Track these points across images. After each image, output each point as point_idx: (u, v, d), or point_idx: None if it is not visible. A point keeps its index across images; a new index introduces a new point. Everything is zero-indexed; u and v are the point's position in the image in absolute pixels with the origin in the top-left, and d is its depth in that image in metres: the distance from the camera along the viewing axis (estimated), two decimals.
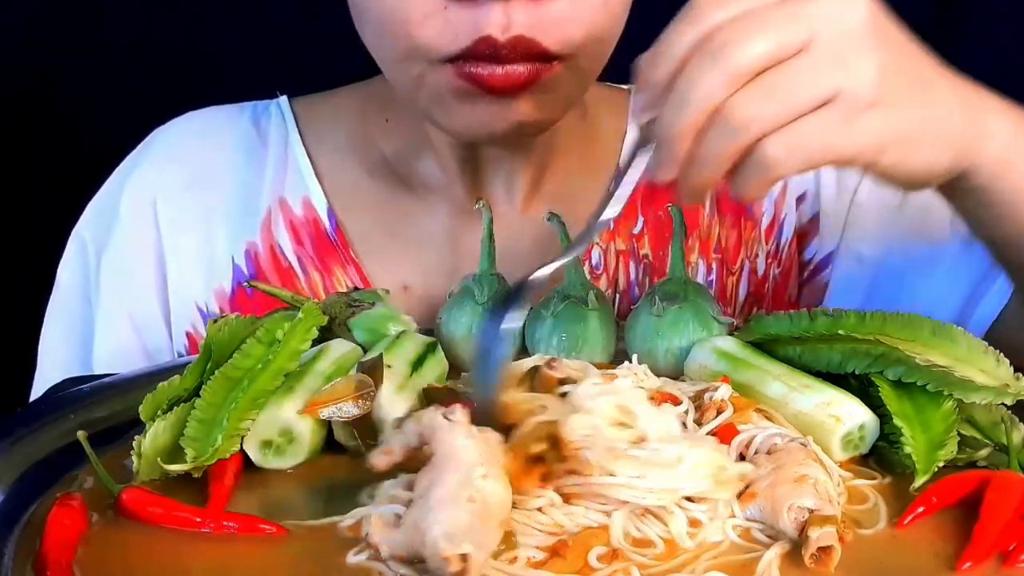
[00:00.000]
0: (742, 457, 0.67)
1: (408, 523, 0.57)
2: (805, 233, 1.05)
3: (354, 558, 0.59)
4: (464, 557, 0.53)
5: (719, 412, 0.69)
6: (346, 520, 0.62)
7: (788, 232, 1.05)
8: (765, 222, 1.05)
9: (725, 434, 0.68)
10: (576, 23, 0.81)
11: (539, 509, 0.60)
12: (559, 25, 0.80)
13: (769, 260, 1.05)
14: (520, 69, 0.80)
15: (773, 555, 0.58)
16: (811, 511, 0.59)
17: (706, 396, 0.71)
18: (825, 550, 0.57)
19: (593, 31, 0.82)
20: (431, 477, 0.58)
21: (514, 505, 0.59)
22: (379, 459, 0.63)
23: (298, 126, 1.04)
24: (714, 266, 1.03)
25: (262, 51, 1.45)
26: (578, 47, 0.82)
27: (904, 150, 0.64)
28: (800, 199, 1.05)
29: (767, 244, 1.05)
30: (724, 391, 0.71)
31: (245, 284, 1.00)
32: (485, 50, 0.79)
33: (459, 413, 0.61)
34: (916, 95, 0.64)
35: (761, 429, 0.68)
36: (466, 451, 0.59)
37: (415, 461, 0.62)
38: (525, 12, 0.78)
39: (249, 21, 1.46)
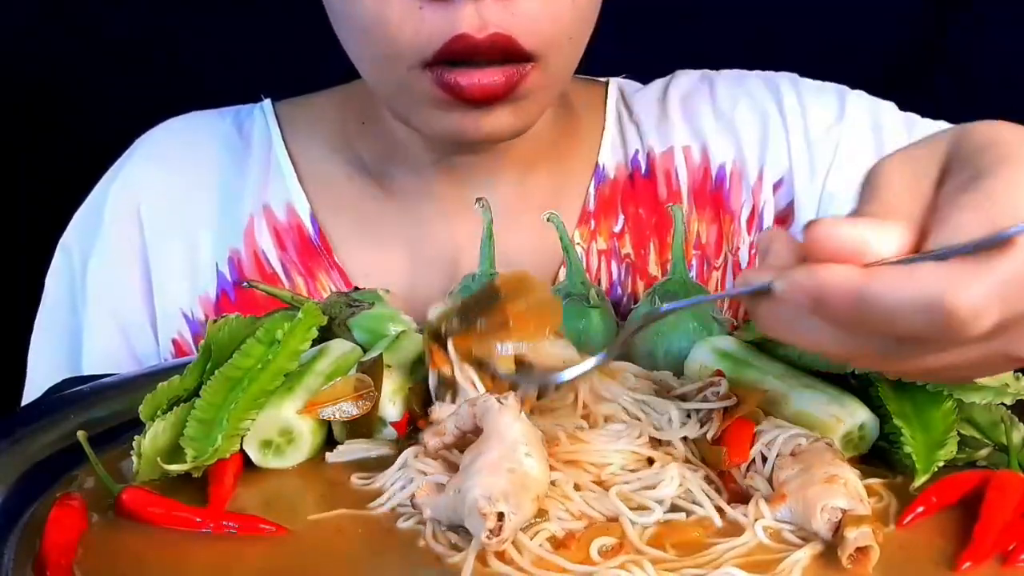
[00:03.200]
0: (764, 459, 0.67)
1: (450, 489, 0.60)
2: (783, 220, 1.04)
3: (403, 524, 0.62)
4: (500, 516, 0.56)
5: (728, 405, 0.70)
6: (378, 481, 0.66)
7: (769, 220, 1.04)
8: (745, 213, 1.04)
9: (741, 431, 0.68)
10: (548, 21, 0.82)
11: (553, 482, 0.63)
12: (532, 23, 0.81)
13: (752, 252, 1.04)
14: (497, 78, 0.81)
15: (803, 555, 0.58)
16: (844, 511, 0.59)
17: (709, 391, 0.71)
18: (862, 550, 0.57)
19: (564, 29, 0.84)
20: (477, 451, 0.61)
21: None
22: (431, 439, 0.66)
23: (282, 130, 1.04)
24: (694, 262, 1.03)
25: (247, 54, 1.45)
26: (550, 45, 0.83)
27: None
28: (777, 185, 1.04)
29: (749, 236, 1.04)
30: (725, 386, 0.71)
31: (244, 284, 0.99)
32: (462, 49, 0.80)
33: (512, 398, 0.64)
34: None
35: (783, 429, 0.68)
36: (512, 430, 0.62)
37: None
38: (497, 10, 0.79)
39: (233, 23, 1.47)
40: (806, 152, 1.02)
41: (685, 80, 1.08)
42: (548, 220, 0.87)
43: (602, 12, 0.88)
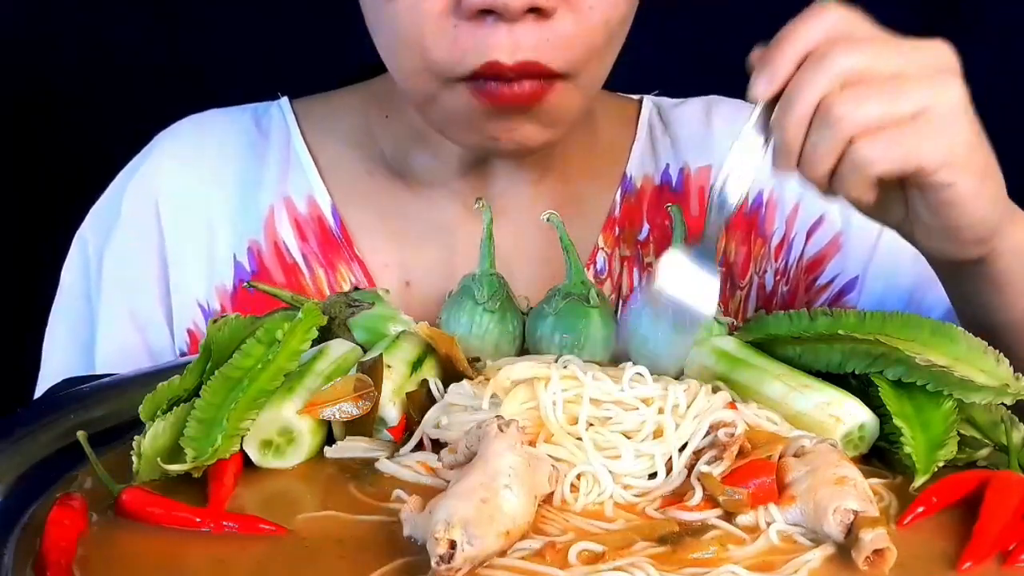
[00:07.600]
0: None
1: (428, 508, 0.58)
2: (823, 257, 1.04)
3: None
4: (452, 543, 0.55)
5: (743, 451, 0.65)
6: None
7: (797, 251, 1.05)
8: (776, 239, 1.05)
9: (757, 470, 0.64)
10: (578, 42, 0.83)
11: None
12: (563, 46, 0.82)
13: (777, 277, 1.05)
14: (527, 85, 0.83)
15: (814, 556, 0.58)
16: (856, 513, 0.59)
17: (720, 432, 0.66)
18: (878, 552, 0.57)
19: (594, 50, 0.85)
20: (463, 473, 0.60)
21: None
22: (446, 457, 0.66)
23: (299, 124, 1.05)
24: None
25: (261, 55, 1.45)
26: (580, 66, 0.84)
27: (967, 177, 0.71)
28: (816, 224, 1.04)
29: (776, 262, 1.05)
30: (742, 427, 0.67)
31: (245, 284, 1.00)
32: (492, 73, 0.82)
33: (513, 427, 0.62)
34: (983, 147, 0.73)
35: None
36: (500, 460, 0.60)
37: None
38: (531, 34, 0.81)
39: (248, 24, 1.47)
40: None
41: (728, 107, 1.08)
42: (548, 220, 0.87)
43: None
